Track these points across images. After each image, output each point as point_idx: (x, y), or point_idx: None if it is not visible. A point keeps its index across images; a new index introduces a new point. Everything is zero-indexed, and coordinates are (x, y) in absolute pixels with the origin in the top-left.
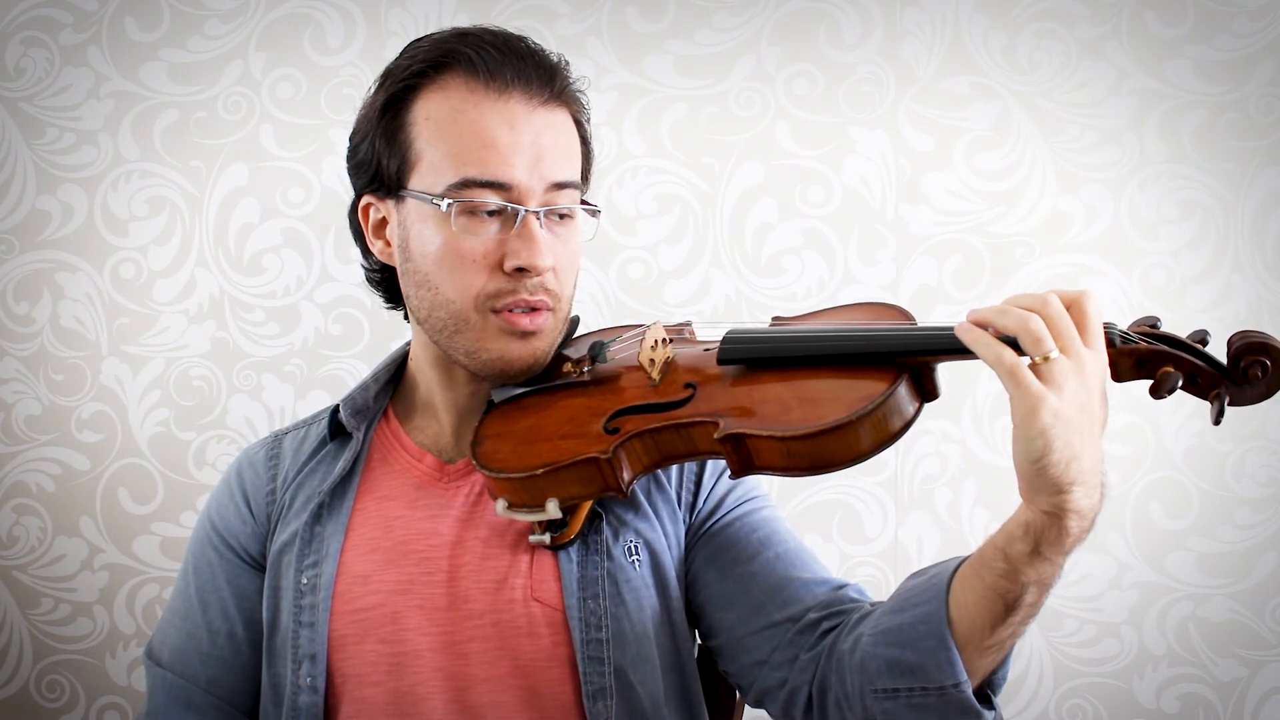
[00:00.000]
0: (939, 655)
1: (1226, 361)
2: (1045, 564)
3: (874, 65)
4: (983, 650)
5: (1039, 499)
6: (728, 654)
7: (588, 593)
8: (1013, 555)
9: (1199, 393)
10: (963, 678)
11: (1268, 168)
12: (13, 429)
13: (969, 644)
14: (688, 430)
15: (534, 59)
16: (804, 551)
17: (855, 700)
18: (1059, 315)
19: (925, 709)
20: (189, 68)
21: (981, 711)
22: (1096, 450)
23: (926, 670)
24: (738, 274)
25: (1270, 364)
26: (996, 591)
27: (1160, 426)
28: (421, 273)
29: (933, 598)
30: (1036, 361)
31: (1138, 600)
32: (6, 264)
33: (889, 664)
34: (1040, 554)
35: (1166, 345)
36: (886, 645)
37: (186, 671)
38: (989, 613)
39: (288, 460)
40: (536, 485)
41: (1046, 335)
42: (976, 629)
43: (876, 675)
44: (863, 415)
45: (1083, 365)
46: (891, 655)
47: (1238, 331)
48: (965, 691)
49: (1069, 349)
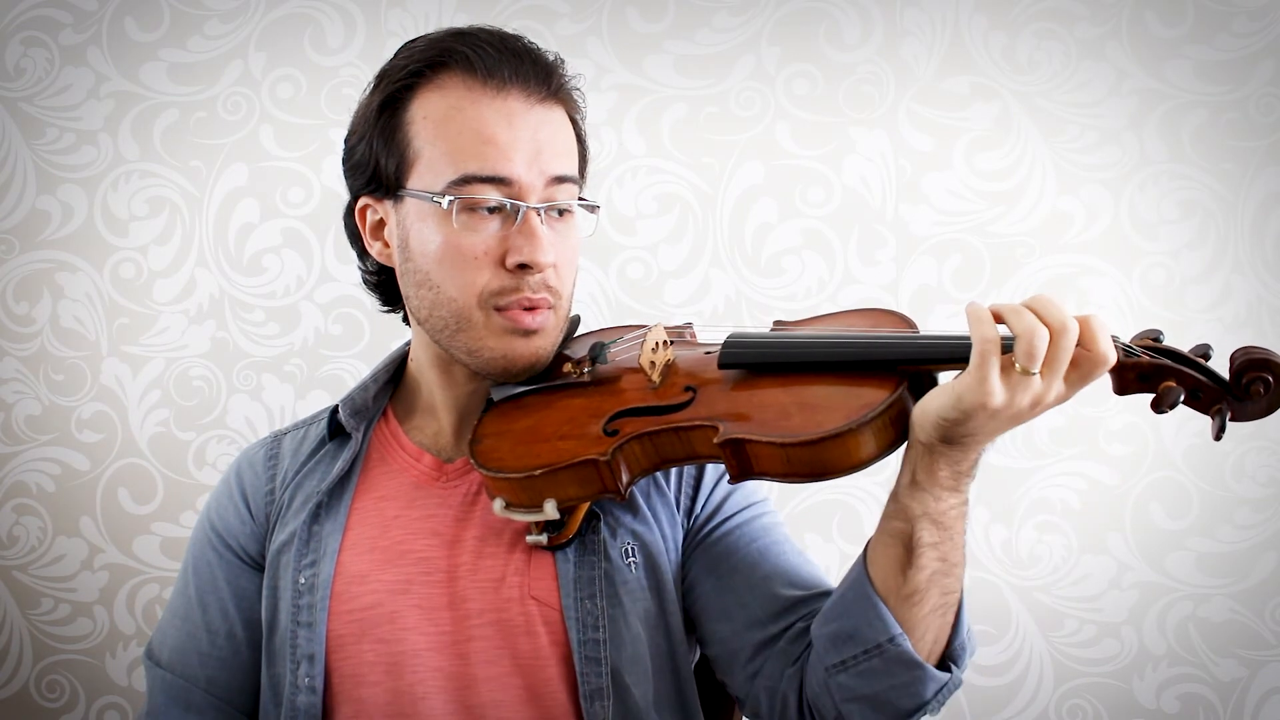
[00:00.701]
0: (868, 614)
1: (1229, 377)
2: (924, 494)
3: (874, 65)
4: (905, 600)
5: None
6: (724, 665)
7: (584, 593)
8: (898, 492)
9: (1200, 408)
10: (896, 631)
11: (1268, 168)
12: (13, 429)
13: (889, 595)
14: (687, 434)
15: (531, 57)
16: (803, 562)
17: (820, 692)
18: (1064, 348)
19: (871, 673)
20: (189, 68)
21: (923, 664)
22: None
23: (861, 632)
24: (738, 274)
25: (1272, 380)
26: (893, 534)
27: (1160, 426)
28: (422, 272)
29: (855, 566)
30: (1016, 366)
31: (1138, 600)
32: (6, 264)
33: (830, 638)
34: (916, 483)
35: (1170, 360)
36: (825, 622)
37: (186, 671)
38: (895, 558)
39: (287, 460)
40: (534, 486)
41: (1041, 355)
42: (890, 576)
43: (824, 654)
44: (863, 423)
45: (1047, 392)
46: (831, 630)
47: (1240, 348)
48: (902, 644)
49: (1049, 375)
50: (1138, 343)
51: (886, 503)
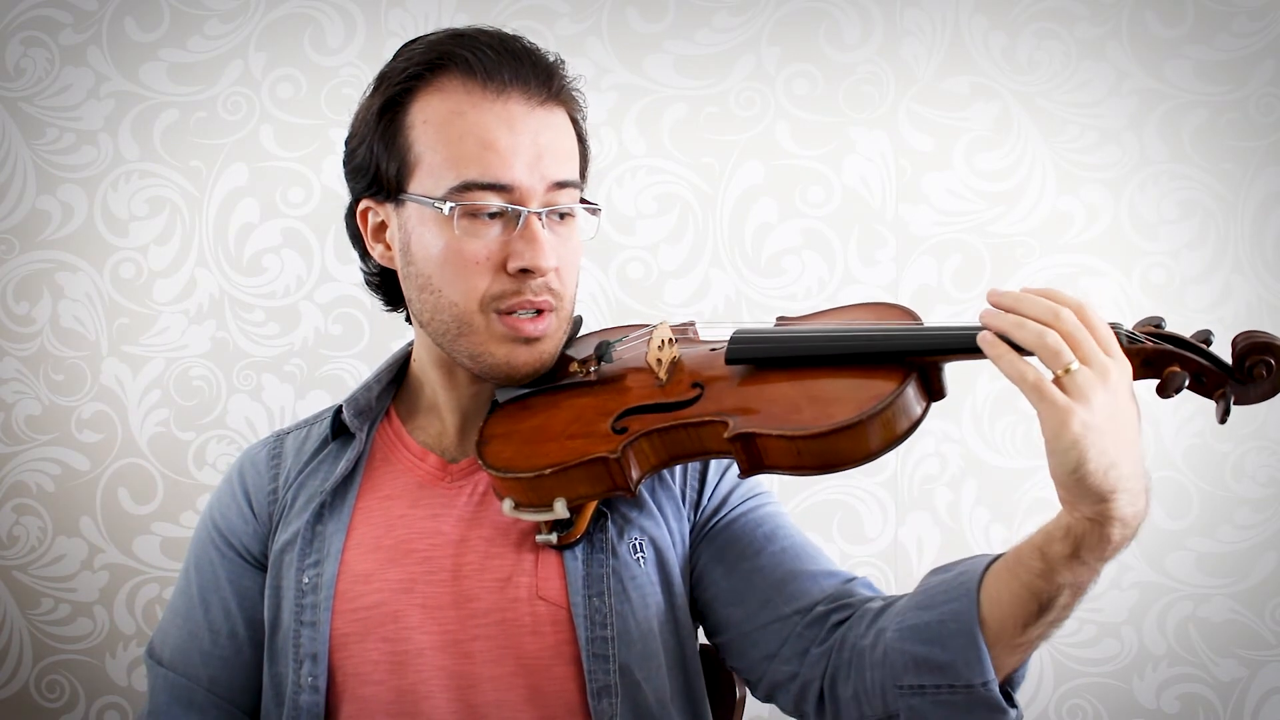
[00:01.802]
0: (969, 653)
1: (1231, 361)
2: (1083, 568)
3: (874, 65)
4: (1012, 649)
5: (1081, 507)
6: (736, 650)
7: (593, 590)
8: (1051, 556)
9: (1204, 392)
10: (991, 676)
11: (1268, 168)
12: (13, 429)
13: (999, 642)
14: (697, 430)
15: (531, 59)
16: (809, 546)
17: (876, 696)
18: (1074, 328)
19: (952, 706)
20: (189, 68)
21: (1008, 709)
22: (1135, 455)
23: (955, 668)
24: (738, 274)
25: (1275, 363)
26: (1031, 591)
27: (1160, 426)
28: (424, 276)
29: (963, 595)
30: (1058, 374)
31: (1138, 600)
32: (6, 264)
33: (916, 660)
34: (1079, 558)
35: (1172, 345)
36: (914, 642)
37: (188, 670)
38: (1022, 612)
39: (289, 460)
40: (544, 485)
41: (1064, 349)
42: (1008, 628)
43: (902, 671)
44: (873, 414)
45: (1106, 373)
46: (919, 652)
47: (1242, 331)
48: (993, 690)
49: (1089, 359)
50: (1140, 330)
51: (1026, 555)
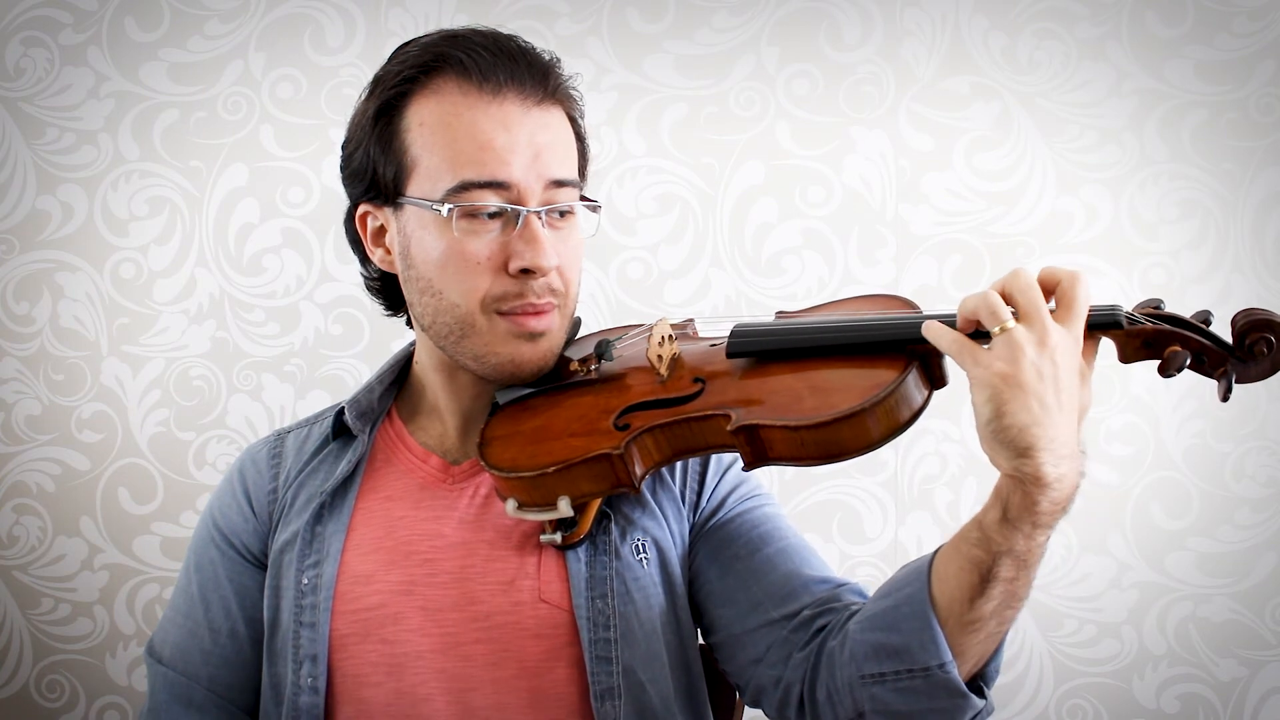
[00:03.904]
0: (923, 635)
1: (1232, 339)
2: (1016, 533)
3: (874, 65)
4: (964, 626)
5: (1000, 460)
6: (726, 651)
7: (596, 592)
8: (985, 523)
9: (1205, 371)
10: (947, 658)
11: (1268, 168)
12: (13, 429)
13: (949, 619)
14: (700, 424)
15: (526, 59)
16: (805, 548)
17: (845, 693)
18: (1024, 287)
19: (912, 692)
20: (189, 68)
21: (968, 693)
22: (1065, 421)
23: (911, 651)
24: (738, 274)
25: (1275, 340)
26: (971, 562)
27: (1160, 426)
28: (425, 279)
29: (915, 579)
30: (994, 334)
31: (1138, 600)
32: (6, 264)
33: (874, 648)
34: (1008, 520)
35: (1172, 325)
36: (871, 630)
37: (188, 669)
38: (966, 585)
39: (290, 459)
40: (548, 483)
41: (1001, 308)
42: (956, 604)
43: (864, 661)
44: (876, 402)
45: (1046, 335)
46: (877, 639)
47: (1242, 309)
48: (950, 672)
49: (1029, 317)
50: (1140, 311)
51: (966, 528)
